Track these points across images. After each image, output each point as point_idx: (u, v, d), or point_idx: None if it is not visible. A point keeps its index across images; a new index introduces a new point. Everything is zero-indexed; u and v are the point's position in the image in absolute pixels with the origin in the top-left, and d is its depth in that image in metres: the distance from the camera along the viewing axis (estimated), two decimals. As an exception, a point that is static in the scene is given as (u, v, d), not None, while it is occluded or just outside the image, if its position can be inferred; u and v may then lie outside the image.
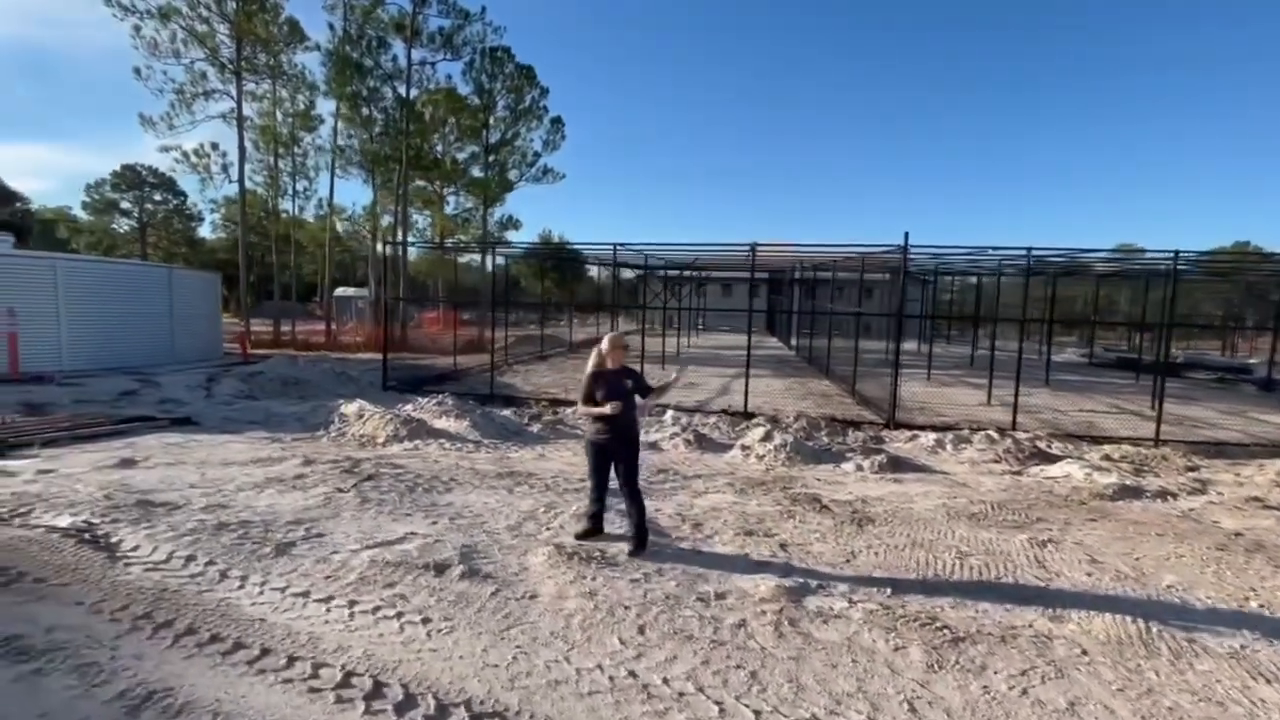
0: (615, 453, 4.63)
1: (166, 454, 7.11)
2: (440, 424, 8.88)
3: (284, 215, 25.79)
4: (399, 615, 3.36)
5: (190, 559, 3.89)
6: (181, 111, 22.40)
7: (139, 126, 22.34)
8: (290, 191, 25.15)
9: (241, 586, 3.61)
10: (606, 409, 4.42)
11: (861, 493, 6.63)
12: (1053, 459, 8.39)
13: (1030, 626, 3.63)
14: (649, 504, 5.88)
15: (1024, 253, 10.14)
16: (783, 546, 4.89)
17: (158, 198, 59.96)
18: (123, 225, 52.54)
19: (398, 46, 22.30)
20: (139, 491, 5.27)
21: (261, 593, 3.55)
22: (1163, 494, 6.98)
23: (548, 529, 4.99)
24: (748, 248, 10.97)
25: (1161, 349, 12.98)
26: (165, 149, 22.37)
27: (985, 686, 2.99)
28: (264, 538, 4.36)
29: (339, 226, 27.64)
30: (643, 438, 9.08)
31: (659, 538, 4.93)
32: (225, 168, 22.95)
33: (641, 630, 3.37)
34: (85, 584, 3.50)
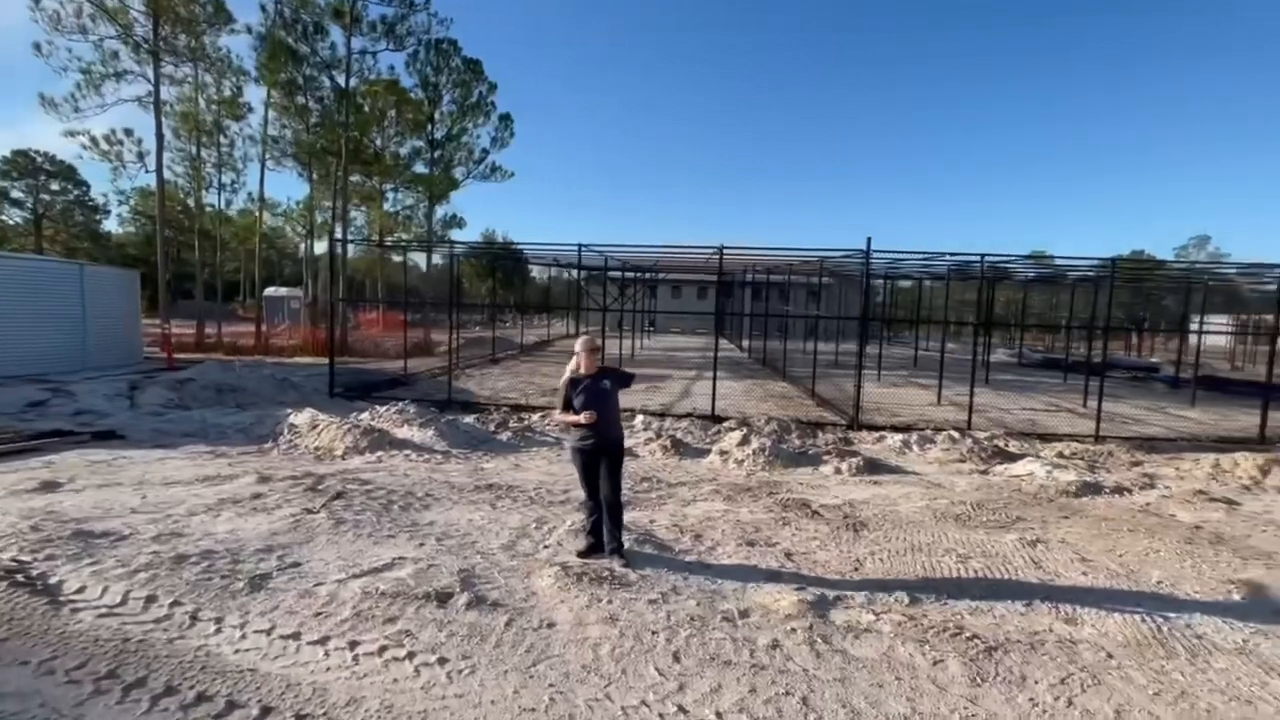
0: (600, 457, 4.43)
1: (94, 474, 6.34)
2: (403, 433, 8.36)
3: (209, 209, 23.94)
4: (410, 656, 3.02)
5: (151, 600, 3.40)
6: (89, 93, 20.46)
7: (38, 108, 20.20)
8: (216, 184, 23.39)
9: (219, 630, 3.18)
10: (581, 418, 4.22)
11: (846, 496, 6.65)
12: (1013, 457, 8.73)
13: (1050, 631, 3.66)
14: (640, 514, 5.71)
15: (978, 258, 10.55)
16: (788, 556, 4.80)
17: (55, 187, 54.88)
18: (14, 216, 47.69)
19: (336, 34, 21.13)
20: (72, 520, 4.63)
21: (244, 636, 3.13)
22: (1119, 489, 7.35)
23: (545, 547, 4.70)
24: (715, 250, 10.91)
25: (1090, 350, 13.85)
26: (71, 134, 20.32)
27: (1031, 699, 2.96)
28: (233, 570, 3.89)
29: (271, 222, 25.93)
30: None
31: (662, 551, 4.74)
32: (141, 156, 21.08)
33: (676, 658, 3.17)
34: (27, 638, 2.97)
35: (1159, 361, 24.72)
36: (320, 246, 30.73)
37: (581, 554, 4.50)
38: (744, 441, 8.38)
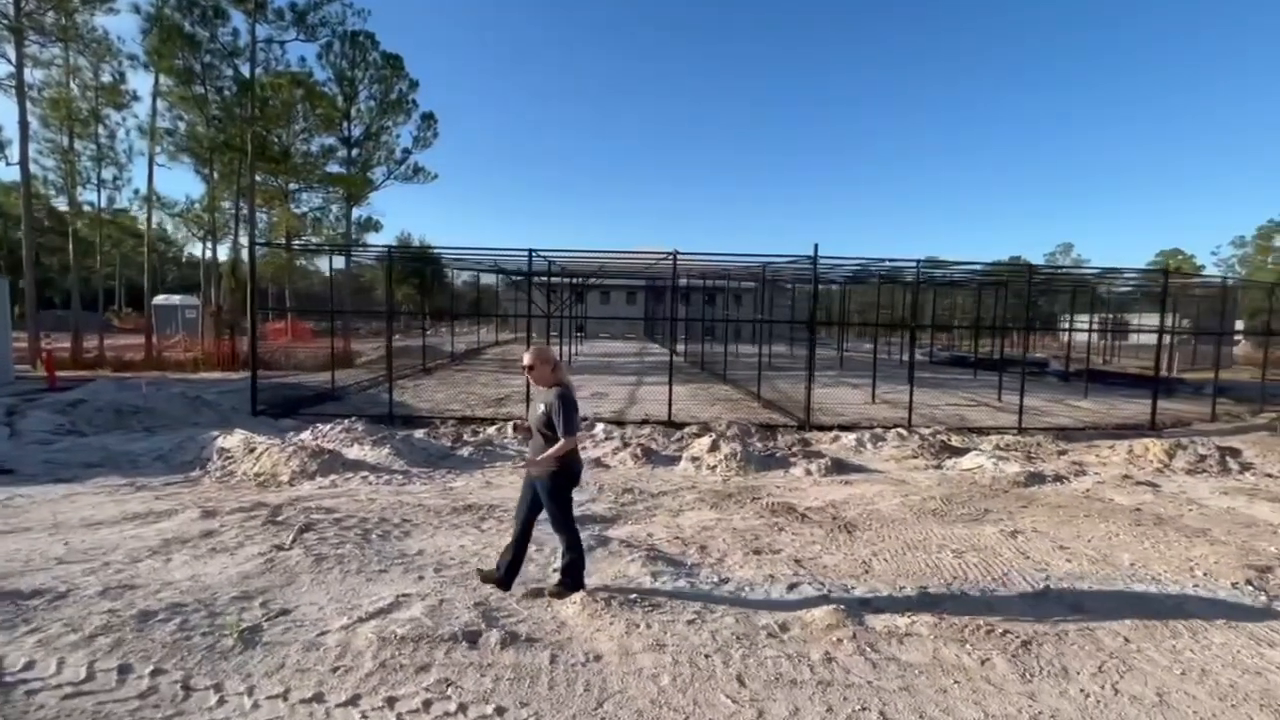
0: (531, 486, 3.95)
1: (-12, 518, 5.38)
2: (355, 454, 7.72)
3: (87, 208, 21.22)
4: (463, 709, 2.71)
5: (126, 670, 2.87)
6: (-71, 72, 17.66)
7: None
8: (95, 180, 20.77)
9: (222, 701, 2.72)
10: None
11: (826, 498, 6.78)
12: (959, 451, 9.26)
13: (1067, 620, 3.85)
14: (636, 528, 5.56)
15: (914, 264, 11.16)
16: (798, 563, 4.80)
17: (-125, 180, 47.24)
18: None
19: (239, 20, 19.43)
20: (-14, 578, 3.87)
21: (256, 706, 2.69)
22: (1059, 478, 7.96)
23: (554, 570, 4.43)
24: (668, 255, 10.90)
25: (992, 349, 15.06)
26: (-94, 119, 17.32)
27: (1082, 690, 3.07)
28: (213, 625, 3.37)
29: (165, 224, 23.31)
30: (587, 452, 8.67)
31: (675, 567, 4.60)
32: (1, 146, 18.37)
33: (741, 681, 3.04)
34: (-21, 734, 2.41)
35: (1046, 357, 27.36)
36: (223, 250, 28.16)
37: (484, 579, 4.10)
38: (714, 448, 8.38)
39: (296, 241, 27.28)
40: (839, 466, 8.17)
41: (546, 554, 4.75)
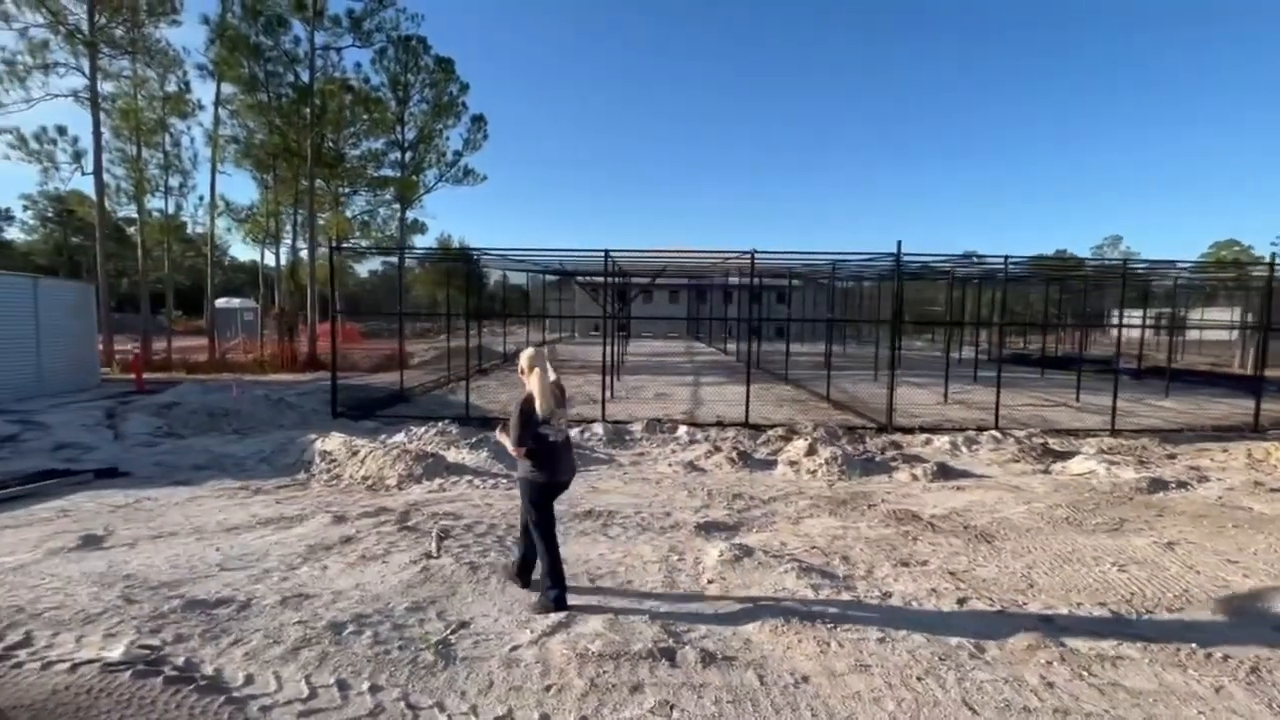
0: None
1: (129, 521, 5.50)
2: (454, 457, 7.73)
3: (156, 215, 21.89)
4: (699, 734, 2.60)
5: (345, 687, 2.83)
6: (13, 86, 18.38)
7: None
8: (162, 187, 21.39)
9: (450, 720, 2.65)
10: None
11: (943, 504, 6.54)
12: (1061, 455, 8.89)
13: (1282, 643, 3.58)
14: (764, 536, 5.43)
15: (1002, 260, 10.78)
16: (952, 575, 4.59)
17: (-53, 191, 49.64)
18: (-101, 224, 42.73)
19: (298, 28, 19.78)
20: (162, 585, 3.91)
21: (486, 726, 2.62)
22: (1180, 484, 7.55)
23: (710, 581, 4.32)
24: (745, 254, 10.71)
25: (1056, 346, 14.48)
26: (-5, 131, 18.07)
27: (1346, 724, 2.83)
28: (403, 637, 3.33)
29: (231, 230, 23.95)
30: (679, 455, 8.56)
31: (830, 580, 4.43)
32: (78, 157, 19.01)
33: (971, 708, 2.87)
34: (235, 754, 2.38)
35: (1109, 355, 26.36)
36: (275, 254, 28.80)
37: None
38: (810, 451, 8.18)
39: (347, 244, 27.76)
40: (944, 472, 7.90)
41: (690, 561, 4.63)
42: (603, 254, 10.65)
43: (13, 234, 54.03)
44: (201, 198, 22.79)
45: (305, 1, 19.67)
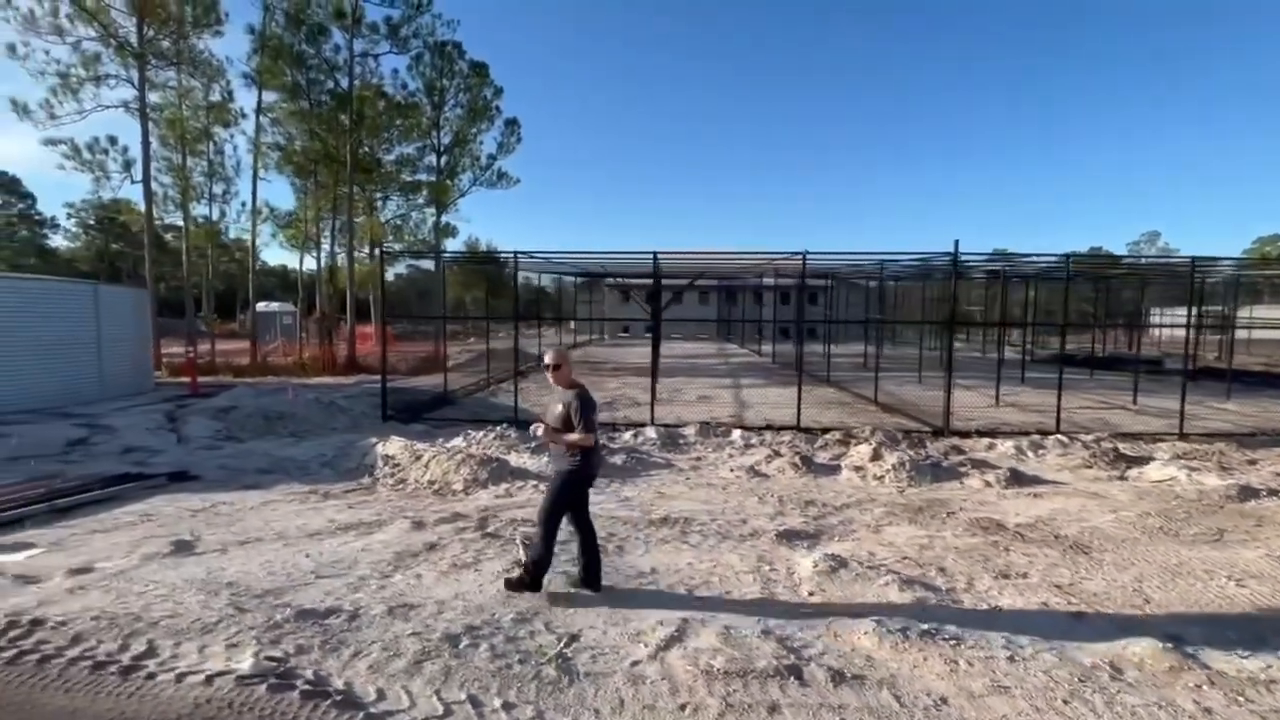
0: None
1: (210, 526, 5.54)
2: (517, 461, 7.70)
3: (203, 221, 22.37)
4: (855, 759, 2.49)
5: (477, 704, 2.76)
6: (66, 98, 18.92)
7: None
8: (207, 194, 21.88)
9: (591, 740, 2.57)
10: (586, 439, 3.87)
11: (1025, 512, 6.32)
12: (1135, 461, 8.57)
13: None
14: (849, 545, 5.27)
15: (1064, 259, 10.45)
16: (1058, 589, 4.40)
17: (-3, 200, 51.43)
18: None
19: (337, 36, 20.07)
20: (267, 594, 3.90)
21: (630, 746, 2.54)
22: (1271, 491, 7.21)
23: (810, 594, 4.19)
24: (797, 255, 10.54)
25: (1101, 346, 13.99)
26: (51, 143, 18.59)
27: None
28: (518, 650, 3.27)
29: (269, 233, 24.40)
30: (738, 459, 8.43)
31: (933, 593, 4.28)
32: (128, 166, 19.51)
33: (1132, 735, 2.71)
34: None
35: (1159, 355, 25.52)
36: (307, 258, 29.28)
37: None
38: (876, 456, 8.00)
39: (379, 248, 28.06)
40: (1017, 478, 7.65)
41: (783, 571, 4.52)
42: (651, 256, 10.56)
43: (56, 241, 55.77)
44: (244, 204, 23.25)
45: (345, 9, 19.94)
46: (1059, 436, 9.63)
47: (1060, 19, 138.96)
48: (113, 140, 19.35)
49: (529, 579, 3.98)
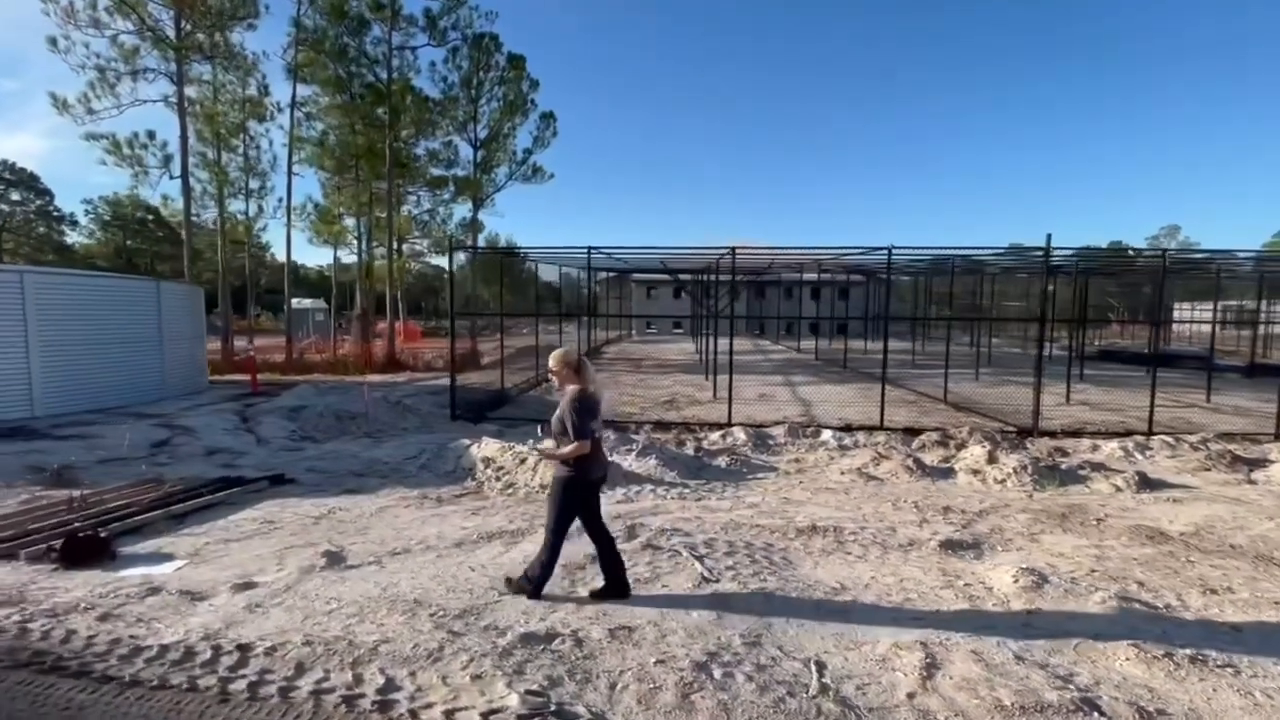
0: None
1: (341, 534, 5.31)
2: (627, 465, 7.43)
3: (239, 217, 22.16)
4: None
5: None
6: (104, 93, 18.70)
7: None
8: (244, 189, 21.64)
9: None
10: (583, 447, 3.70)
11: (1179, 519, 6.02)
12: (1253, 463, 8.25)
13: None
14: (1016, 556, 4.91)
15: (1160, 254, 10.11)
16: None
17: (16, 197, 51.41)
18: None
19: (376, 29, 19.77)
20: (465, 613, 3.63)
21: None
22: None
23: (1030, 611, 3.92)
24: (883, 249, 10.24)
25: (1211, 343, 13.66)
26: (92, 138, 18.37)
27: None
28: (776, 682, 3.00)
29: (308, 228, 24.08)
30: (842, 461, 8.15)
31: (1150, 609, 3.99)
32: (166, 160, 19.29)
33: None
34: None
35: (1203, 351, 25.10)
36: (345, 255, 29.01)
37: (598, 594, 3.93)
38: (992, 459, 7.71)
39: (405, 242, 27.82)
40: (1146, 482, 7.35)
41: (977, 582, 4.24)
42: (729, 250, 10.27)
43: (73, 237, 55.77)
44: (280, 200, 23.02)
45: (384, 1, 19.64)
46: (1163, 438, 9.32)
47: (1081, 14, 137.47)
48: (151, 135, 19.15)
49: (530, 588, 3.85)
